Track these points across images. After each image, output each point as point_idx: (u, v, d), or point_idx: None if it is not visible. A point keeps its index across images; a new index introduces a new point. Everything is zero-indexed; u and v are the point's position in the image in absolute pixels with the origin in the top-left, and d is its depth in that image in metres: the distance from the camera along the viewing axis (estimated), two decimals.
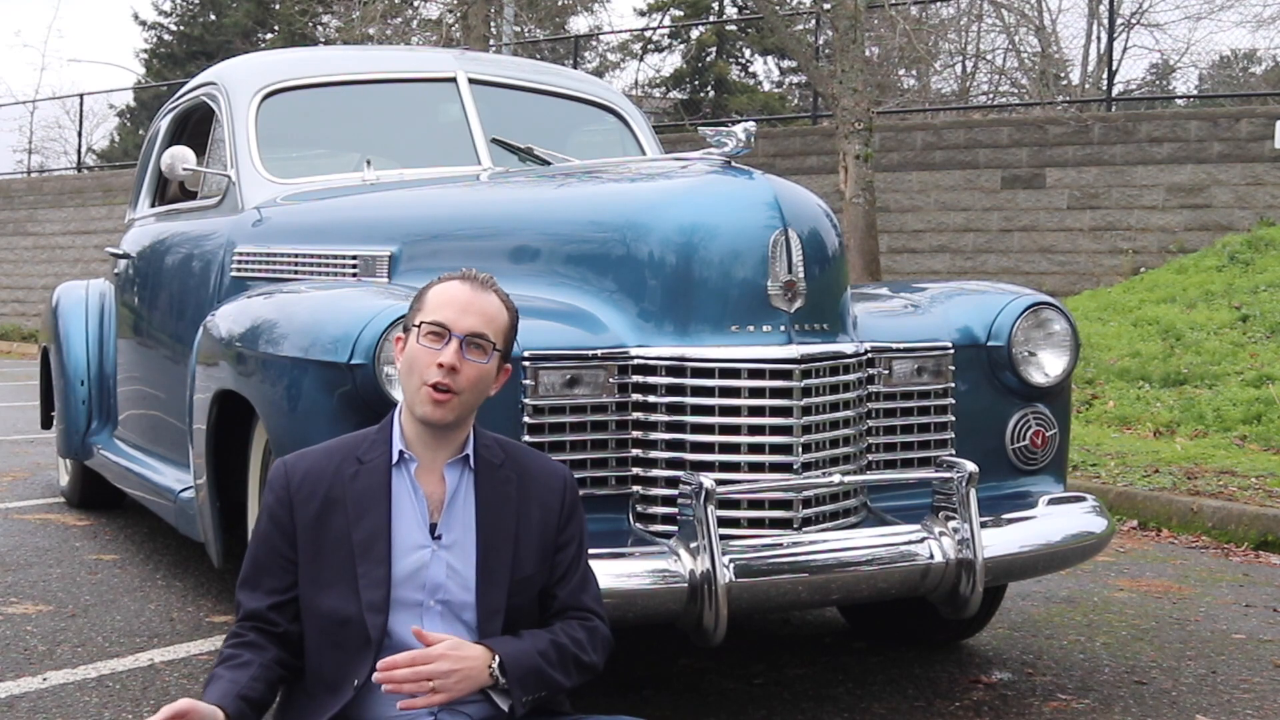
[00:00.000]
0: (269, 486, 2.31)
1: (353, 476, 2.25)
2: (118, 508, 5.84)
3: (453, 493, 2.27)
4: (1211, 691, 3.55)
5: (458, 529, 2.26)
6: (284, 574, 2.27)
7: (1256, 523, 5.59)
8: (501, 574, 2.25)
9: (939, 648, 3.91)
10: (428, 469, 2.27)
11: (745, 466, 2.95)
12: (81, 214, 20.39)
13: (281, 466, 2.32)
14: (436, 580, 2.23)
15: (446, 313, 2.23)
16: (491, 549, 2.25)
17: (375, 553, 2.21)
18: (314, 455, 2.32)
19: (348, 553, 2.22)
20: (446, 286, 2.28)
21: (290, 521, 2.26)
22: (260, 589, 2.28)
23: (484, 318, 2.25)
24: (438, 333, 2.22)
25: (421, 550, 2.23)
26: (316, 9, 26.10)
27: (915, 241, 13.70)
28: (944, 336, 3.39)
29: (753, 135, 3.19)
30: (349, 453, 2.29)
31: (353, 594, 2.21)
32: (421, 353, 2.22)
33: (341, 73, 4.97)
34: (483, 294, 2.27)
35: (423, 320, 2.24)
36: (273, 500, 2.29)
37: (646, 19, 28.97)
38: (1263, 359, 8.46)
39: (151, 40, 32.42)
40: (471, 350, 2.22)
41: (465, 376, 2.21)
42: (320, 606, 2.23)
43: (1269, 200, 12.07)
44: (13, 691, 3.36)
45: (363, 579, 2.21)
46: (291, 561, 2.26)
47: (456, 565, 2.24)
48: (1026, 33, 22.69)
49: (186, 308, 4.68)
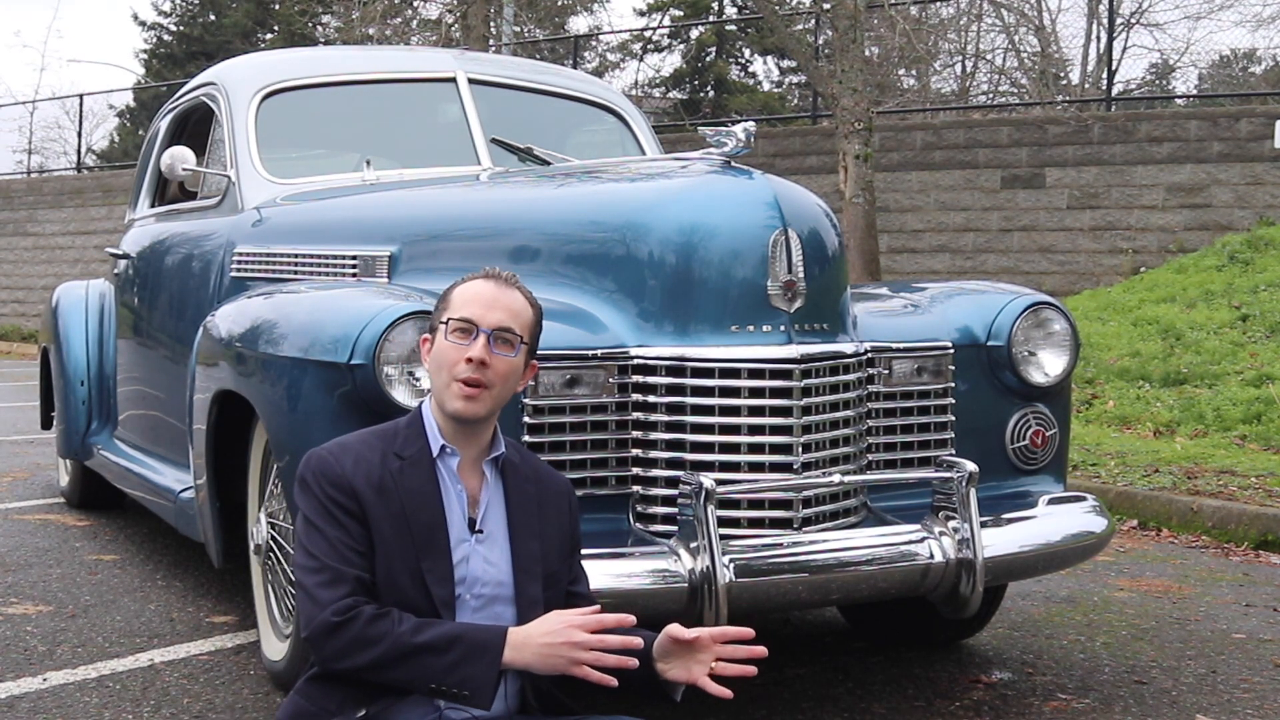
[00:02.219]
0: (318, 476, 2.22)
1: (400, 471, 2.25)
2: (118, 508, 5.84)
3: (487, 489, 2.30)
4: (1211, 691, 3.55)
5: (491, 523, 2.29)
6: (369, 556, 2.18)
7: (1256, 522, 5.59)
8: (535, 567, 2.28)
9: (939, 648, 3.91)
10: (463, 464, 2.30)
11: (745, 466, 2.95)
12: (81, 214, 20.38)
13: (327, 455, 2.25)
14: (475, 574, 2.25)
15: (473, 309, 2.26)
16: (524, 543, 2.29)
17: (437, 547, 2.22)
18: (353, 445, 2.28)
19: (408, 546, 2.21)
20: (471, 285, 2.31)
21: (358, 505, 2.20)
22: (348, 579, 2.16)
23: (510, 313, 2.28)
24: (465, 329, 2.25)
25: (463, 544, 2.25)
26: (316, 9, 26.10)
27: (915, 241, 13.70)
28: (944, 336, 3.39)
29: (752, 135, 3.20)
30: (386, 447, 2.28)
31: (418, 587, 2.20)
32: (450, 349, 2.25)
33: (341, 73, 4.97)
34: (508, 290, 2.31)
35: (450, 317, 2.27)
36: (330, 488, 2.20)
37: (646, 19, 28.98)
38: (1263, 358, 8.46)
39: (151, 41, 32.42)
40: (499, 345, 2.25)
41: (495, 371, 2.24)
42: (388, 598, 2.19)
43: (1269, 200, 12.07)
44: (13, 692, 3.36)
45: (429, 574, 2.21)
46: (370, 542, 2.19)
47: (492, 559, 2.27)
48: (1026, 32, 22.72)
49: (186, 308, 4.68)
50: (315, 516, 2.22)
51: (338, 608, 2.14)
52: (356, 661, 2.14)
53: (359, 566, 2.18)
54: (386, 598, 2.20)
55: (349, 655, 2.14)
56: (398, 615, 2.16)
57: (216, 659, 3.70)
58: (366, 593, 2.18)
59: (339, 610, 2.14)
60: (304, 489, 2.25)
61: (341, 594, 2.16)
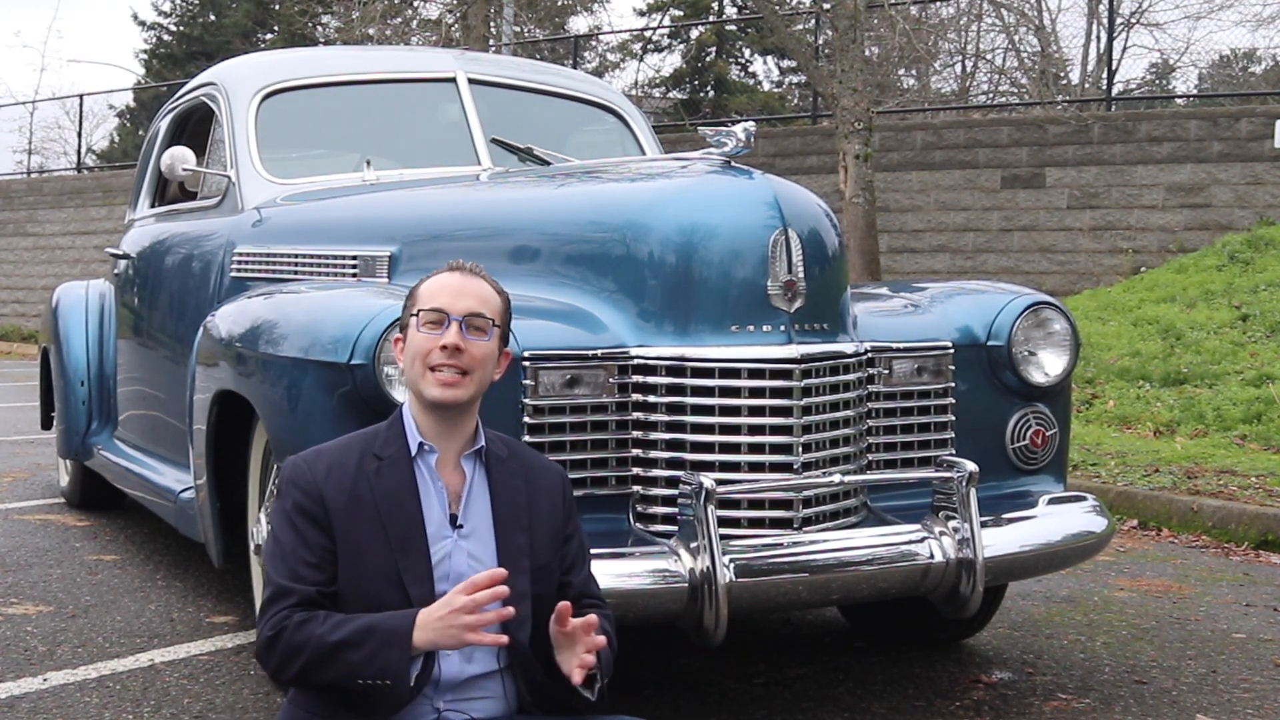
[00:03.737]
0: (289, 483, 2.27)
1: (376, 472, 2.26)
2: (118, 508, 5.84)
3: (469, 483, 2.30)
4: (1212, 691, 3.55)
5: (475, 519, 2.29)
6: (325, 567, 2.21)
7: (1257, 522, 5.59)
8: (521, 560, 2.27)
9: (939, 647, 3.91)
10: (444, 461, 2.30)
11: (745, 466, 2.95)
12: (81, 214, 20.38)
13: (301, 462, 2.30)
14: (459, 570, 2.25)
15: (442, 298, 2.29)
16: (509, 536, 2.28)
17: (414, 547, 2.23)
18: (331, 451, 2.32)
19: (384, 548, 2.22)
20: (437, 277, 2.34)
21: (324, 512, 2.23)
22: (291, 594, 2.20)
23: (479, 299, 2.31)
24: (436, 319, 2.27)
25: (444, 541, 2.26)
26: (316, 9, 26.08)
27: (915, 241, 13.70)
28: (944, 336, 3.39)
29: (752, 135, 3.20)
30: (364, 449, 2.30)
31: (395, 589, 2.21)
32: (423, 340, 2.27)
33: (341, 73, 4.97)
34: (474, 279, 2.34)
35: (420, 309, 2.29)
36: (299, 495, 2.25)
37: (646, 19, 28.97)
38: (1263, 358, 8.45)
39: (151, 41, 32.43)
40: (472, 331, 2.27)
41: (471, 355, 2.26)
42: (362, 604, 2.21)
43: (1269, 200, 12.07)
44: (13, 692, 3.36)
45: (406, 575, 2.21)
46: (330, 552, 2.22)
47: (477, 554, 2.27)
48: (1026, 32, 22.69)
49: (186, 308, 4.68)
50: (278, 525, 2.27)
51: (271, 622, 2.18)
52: (293, 670, 2.17)
53: (307, 580, 2.20)
54: (354, 604, 2.21)
55: (287, 666, 2.17)
56: (322, 617, 2.17)
57: (217, 659, 3.70)
58: (313, 606, 2.19)
59: (272, 625, 2.18)
60: (277, 496, 2.30)
61: (278, 609, 2.19)
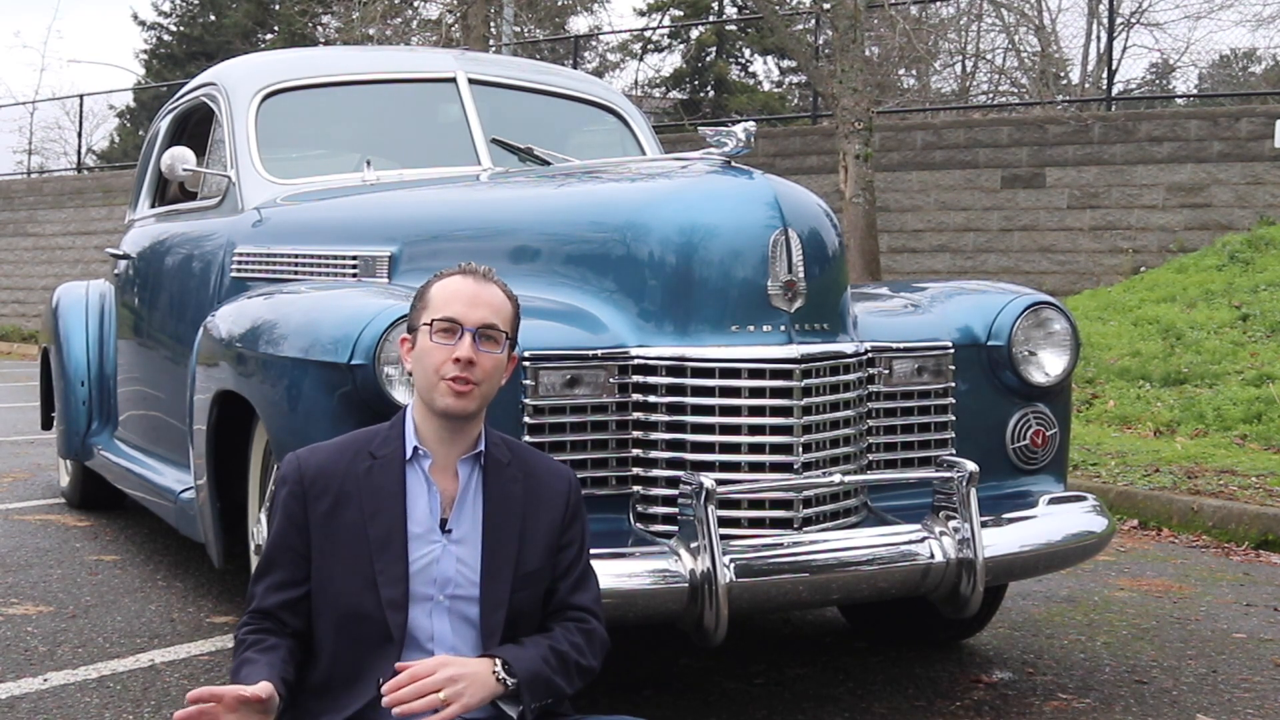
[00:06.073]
0: (281, 480, 2.31)
1: (366, 472, 2.26)
2: (118, 508, 5.84)
3: (464, 488, 2.29)
4: (1212, 690, 3.55)
5: (467, 524, 2.28)
6: (296, 567, 2.27)
7: (1257, 522, 5.59)
8: (506, 568, 2.26)
9: (939, 647, 3.91)
10: (441, 465, 2.29)
11: (745, 466, 2.95)
12: (81, 215, 20.38)
13: (294, 460, 2.31)
14: (446, 574, 2.24)
15: (455, 307, 2.26)
16: (497, 542, 2.27)
17: (392, 549, 2.23)
18: (327, 450, 2.33)
19: (363, 548, 2.23)
20: (449, 282, 2.30)
21: (304, 514, 2.26)
22: (273, 582, 2.27)
23: (492, 309, 2.28)
24: (450, 328, 2.25)
25: (432, 545, 2.25)
26: (316, 9, 26.05)
27: (915, 241, 13.70)
28: (944, 336, 3.39)
29: (753, 135, 3.20)
30: (361, 448, 2.30)
31: (370, 590, 2.21)
32: (435, 349, 2.25)
33: (341, 73, 4.97)
34: (486, 286, 2.31)
35: (433, 318, 2.26)
36: (286, 493, 2.28)
37: (646, 19, 28.97)
38: (1263, 358, 8.45)
39: (151, 41, 32.42)
40: (485, 342, 2.26)
41: (482, 368, 2.24)
42: (337, 602, 2.23)
43: (1269, 199, 12.06)
44: (13, 692, 3.36)
45: (381, 575, 2.21)
46: (304, 556, 2.26)
47: (465, 559, 2.26)
48: (1026, 32, 22.69)
49: (186, 308, 4.68)
50: (274, 515, 2.31)
51: (240, 626, 2.27)
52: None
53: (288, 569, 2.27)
54: (325, 602, 2.24)
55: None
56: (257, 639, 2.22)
57: (217, 659, 3.70)
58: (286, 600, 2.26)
59: (249, 612, 2.28)
60: (278, 486, 2.33)
61: (244, 618, 2.28)
